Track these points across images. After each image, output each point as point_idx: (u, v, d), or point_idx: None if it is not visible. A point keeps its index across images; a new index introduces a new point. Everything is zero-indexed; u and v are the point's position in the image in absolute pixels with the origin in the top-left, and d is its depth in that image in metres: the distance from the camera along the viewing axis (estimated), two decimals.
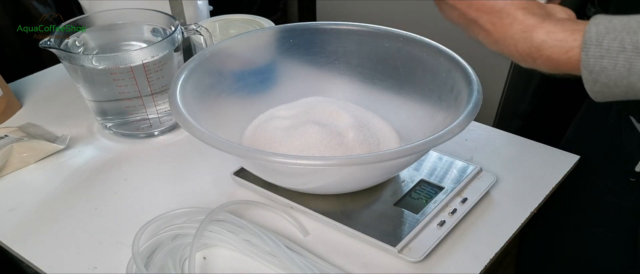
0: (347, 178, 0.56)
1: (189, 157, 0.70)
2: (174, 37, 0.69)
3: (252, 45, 0.71)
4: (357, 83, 0.71)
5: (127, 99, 0.68)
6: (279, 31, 0.71)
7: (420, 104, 0.65)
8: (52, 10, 1.04)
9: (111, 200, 0.63)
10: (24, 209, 0.62)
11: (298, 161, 0.48)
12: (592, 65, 0.39)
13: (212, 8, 0.94)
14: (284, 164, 0.50)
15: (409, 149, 0.49)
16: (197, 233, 0.52)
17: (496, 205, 0.60)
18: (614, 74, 0.38)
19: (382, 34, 0.68)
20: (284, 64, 0.72)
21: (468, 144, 0.70)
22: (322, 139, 0.60)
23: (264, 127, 0.65)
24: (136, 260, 0.51)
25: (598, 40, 0.38)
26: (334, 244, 0.56)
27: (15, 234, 0.58)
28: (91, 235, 0.58)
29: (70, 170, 0.68)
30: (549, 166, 0.65)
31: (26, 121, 0.77)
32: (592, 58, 0.39)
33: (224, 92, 0.66)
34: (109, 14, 0.74)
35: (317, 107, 0.67)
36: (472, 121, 0.51)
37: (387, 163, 0.52)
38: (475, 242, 0.55)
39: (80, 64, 0.65)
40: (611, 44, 0.38)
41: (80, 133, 0.75)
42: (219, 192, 0.63)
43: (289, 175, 0.56)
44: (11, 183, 0.66)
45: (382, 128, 0.66)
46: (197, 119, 0.53)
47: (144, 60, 0.66)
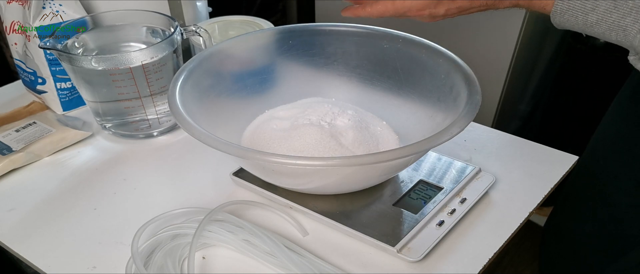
0: (346, 179, 0.56)
1: (188, 158, 0.70)
2: (173, 38, 0.69)
3: (251, 47, 0.71)
4: (356, 84, 0.71)
5: (126, 100, 0.69)
6: (278, 32, 0.71)
7: (420, 105, 0.65)
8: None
9: (111, 200, 0.63)
10: (23, 209, 0.62)
11: (297, 161, 0.48)
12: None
13: (211, 9, 0.94)
14: (283, 164, 0.50)
15: (408, 150, 0.49)
16: (196, 233, 0.52)
17: (495, 205, 0.60)
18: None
19: (381, 35, 0.68)
20: (283, 65, 0.72)
21: (467, 145, 0.70)
22: (321, 140, 0.60)
23: (263, 127, 0.65)
24: (135, 260, 0.51)
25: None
26: (333, 244, 0.56)
27: (15, 234, 0.58)
28: (90, 235, 0.58)
29: (69, 170, 0.68)
30: (547, 167, 0.66)
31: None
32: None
33: (223, 92, 0.67)
34: (109, 15, 0.74)
35: (316, 107, 0.67)
36: (471, 122, 0.51)
37: (386, 163, 0.52)
38: (474, 242, 0.55)
39: (79, 65, 0.66)
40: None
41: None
42: (218, 192, 0.63)
43: (288, 176, 0.56)
44: (11, 183, 0.66)
45: (381, 129, 0.66)
46: (196, 120, 0.53)
47: (143, 61, 0.66)
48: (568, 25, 0.51)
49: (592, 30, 0.50)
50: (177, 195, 0.63)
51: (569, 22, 0.51)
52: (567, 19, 0.51)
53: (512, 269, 1.35)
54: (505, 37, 1.20)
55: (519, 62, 1.24)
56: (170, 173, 0.68)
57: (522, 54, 1.23)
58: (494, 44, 1.23)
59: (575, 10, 0.49)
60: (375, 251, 0.54)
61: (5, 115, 0.75)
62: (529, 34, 1.19)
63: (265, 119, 0.68)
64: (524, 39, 1.20)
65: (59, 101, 0.78)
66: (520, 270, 1.37)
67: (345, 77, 0.72)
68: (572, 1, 0.49)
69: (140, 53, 0.66)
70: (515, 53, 1.22)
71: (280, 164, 0.51)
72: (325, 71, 0.72)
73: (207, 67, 0.64)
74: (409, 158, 0.55)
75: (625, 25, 0.47)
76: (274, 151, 0.61)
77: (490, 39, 1.23)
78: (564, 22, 0.51)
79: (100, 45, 0.74)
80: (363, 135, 0.63)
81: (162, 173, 0.68)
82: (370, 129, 0.65)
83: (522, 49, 1.22)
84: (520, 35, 1.18)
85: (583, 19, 0.49)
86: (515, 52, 1.21)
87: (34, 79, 0.78)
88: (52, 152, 0.71)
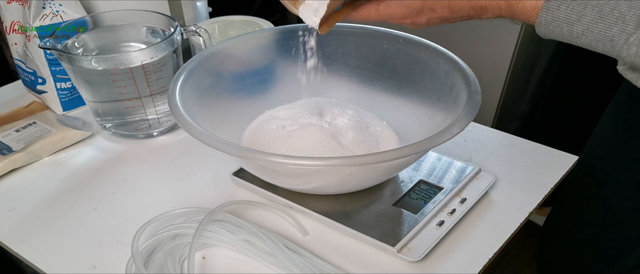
0: (346, 179, 0.56)
1: (188, 158, 0.70)
2: (173, 39, 0.69)
3: (251, 47, 0.71)
4: (356, 84, 0.71)
5: (126, 100, 0.69)
6: (278, 32, 0.71)
7: (420, 105, 0.65)
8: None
9: (110, 200, 0.63)
10: (23, 209, 0.62)
11: (297, 161, 0.48)
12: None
13: (211, 9, 0.94)
14: (283, 164, 0.50)
15: (408, 150, 0.49)
16: (196, 233, 0.52)
17: (495, 205, 0.60)
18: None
19: (381, 35, 0.68)
20: (283, 65, 0.72)
21: (467, 145, 0.70)
22: (321, 140, 0.60)
23: (263, 127, 0.65)
24: (135, 260, 0.51)
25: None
26: (333, 244, 0.56)
27: (15, 234, 0.58)
28: (90, 235, 0.58)
29: (69, 170, 0.68)
30: (547, 167, 0.66)
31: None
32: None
33: (223, 92, 0.67)
34: (109, 15, 0.74)
35: (316, 107, 0.67)
36: (471, 122, 0.51)
37: (386, 163, 0.52)
38: (474, 242, 0.55)
39: (79, 65, 0.66)
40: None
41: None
42: (218, 192, 0.63)
43: (288, 176, 0.56)
44: (11, 183, 0.66)
45: (382, 129, 0.66)
46: (196, 120, 0.53)
47: (143, 61, 0.66)
48: (554, 36, 0.51)
49: (579, 40, 0.49)
50: (177, 195, 0.63)
51: (554, 33, 0.50)
52: (552, 31, 0.50)
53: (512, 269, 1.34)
54: (505, 37, 1.20)
55: (519, 62, 1.24)
56: (170, 173, 0.68)
57: (522, 54, 1.23)
58: (494, 44, 1.23)
59: (559, 21, 0.49)
60: (375, 251, 0.54)
61: (5, 115, 0.75)
62: (529, 34, 1.19)
63: (265, 119, 0.68)
64: (524, 39, 1.20)
65: (59, 101, 0.78)
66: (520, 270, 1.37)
67: (345, 76, 0.72)
68: (556, 12, 0.49)
69: (140, 53, 0.66)
70: (515, 53, 1.22)
71: (280, 164, 0.51)
72: (325, 71, 0.72)
73: (207, 67, 0.64)
74: (409, 158, 0.55)
75: (611, 35, 0.47)
76: (274, 151, 0.61)
77: (490, 39, 1.23)
78: (549, 33, 0.51)
79: (100, 45, 0.74)
80: (363, 135, 0.63)
81: (162, 173, 0.68)
82: (370, 129, 0.65)
83: (522, 49, 1.22)
84: (520, 35, 1.18)
85: (568, 30, 0.49)
86: (515, 52, 1.21)
87: (34, 79, 0.78)
88: (52, 152, 0.71)
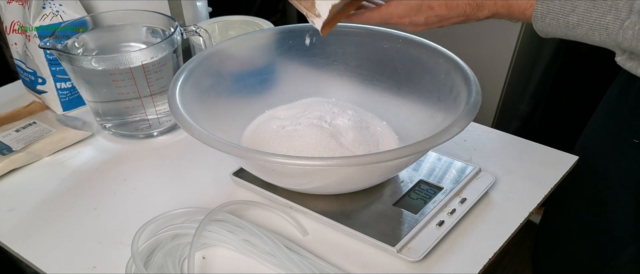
0: (346, 179, 0.56)
1: (188, 158, 0.70)
2: (173, 39, 0.69)
3: (251, 47, 0.71)
4: (356, 84, 0.71)
5: (126, 100, 0.69)
6: (278, 32, 0.71)
7: (420, 105, 0.65)
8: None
9: (110, 200, 0.63)
10: (23, 209, 0.62)
11: (297, 161, 0.48)
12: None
13: (211, 9, 0.94)
14: (283, 164, 0.50)
15: (408, 150, 0.49)
16: (196, 233, 0.52)
17: (495, 205, 0.60)
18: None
19: (381, 35, 0.68)
20: (283, 65, 0.72)
21: (467, 145, 0.70)
22: (321, 140, 0.60)
23: (263, 127, 0.65)
24: (135, 260, 0.51)
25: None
26: (333, 244, 0.56)
27: (15, 234, 0.58)
28: (90, 235, 0.58)
29: (69, 170, 0.68)
30: (547, 167, 0.66)
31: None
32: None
33: (223, 92, 0.67)
34: (109, 15, 0.74)
35: (316, 107, 0.67)
36: (471, 122, 0.51)
37: (386, 163, 0.52)
38: (474, 242, 0.55)
39: (79, 65, 0.66)
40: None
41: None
42: (218, 192, 0.63)
43: (288, 176, 0.56)
44: (11, 183, 0.66)
45: (382, 129, 0.66)
46: (196, 120, 0.53)
47: (143, 61, 0.66)
48: (551, 29, 0.51)
49: (575, 32, 0.50)
50: (177, 195, 0.63)
51: (551, 26, 0.51)
52: (549, 23, 0.51)
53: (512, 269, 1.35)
54: (505, 37, 1.20)
55: (519, 62, 1.25)
56: (170, 173, 0.68)
57: (522, 54, 1.23)
58: (494, 44, 1.23)
59: (555, 13, 0.50)
60: (375, 251, 0.54)
61: (5, 115, 0.75)
62: (529, 34, 1.19)
63: (265, 119, 0.68)
64: (524, 38, 1.20)
65: (59, 101, 0.78)
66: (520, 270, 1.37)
67: (345, 76, 0.72)
68: (551, 4, 0.49)
69: (140, 53, 0.66)
70: (515, 53, 1.22)
71: (280, 164, 0.51)
72: (325, 71, 0.72)
73: (207, 67, 0.64)
74: (409, 158, 0.55)
75: (606, 23, 0.47)
76: (274, 151, 0.61)
77: (490, 39, 1.23)
78: (546, 27, 0.51)
79: (100, 45, 0.74)
80: (363, 135, 0.63)
81: (162, 173, 0.68)
82: (370, 129, 0.65)
83: (522, 49, 1.22)
84: (521, 35, 1.19)
85: (564, 21, 0.49)
86: (515, 52, 1.21)
87: (34, 79, 0.78)
88: (52, 152, 0.71)
